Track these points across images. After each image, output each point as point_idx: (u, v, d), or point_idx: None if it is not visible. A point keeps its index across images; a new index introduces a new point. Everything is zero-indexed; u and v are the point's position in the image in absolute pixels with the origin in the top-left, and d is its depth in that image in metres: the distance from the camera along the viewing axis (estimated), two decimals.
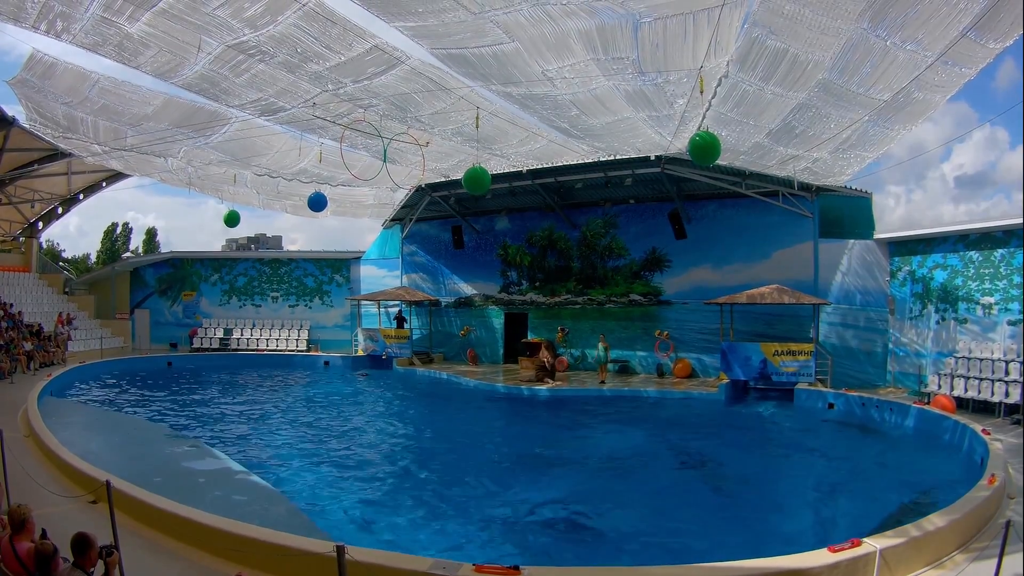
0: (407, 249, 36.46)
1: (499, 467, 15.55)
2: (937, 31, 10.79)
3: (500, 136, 18.04)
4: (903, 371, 23.79)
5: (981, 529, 9.21)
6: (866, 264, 24.94)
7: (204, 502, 10.39)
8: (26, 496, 9.04)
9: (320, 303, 38.99)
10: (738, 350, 24.38)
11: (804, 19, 10.55)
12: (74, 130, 17.97)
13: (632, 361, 29.45)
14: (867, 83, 12.90)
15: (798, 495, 13.39)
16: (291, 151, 20.02)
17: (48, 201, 37.99)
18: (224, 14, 10.93)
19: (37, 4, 11.05)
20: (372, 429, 19.78)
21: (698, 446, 17.57)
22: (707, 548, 9.44)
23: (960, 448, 15.29)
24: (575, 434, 18.98)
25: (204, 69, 13.18)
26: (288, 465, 15.06)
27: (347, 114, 15.87)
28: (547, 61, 12.13)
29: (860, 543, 7.72)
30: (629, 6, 10.00)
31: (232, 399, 24.25)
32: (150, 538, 8.88)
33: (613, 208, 30.38)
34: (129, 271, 41.26)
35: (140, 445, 16.72)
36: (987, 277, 21.11)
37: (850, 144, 16.81)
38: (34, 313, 32.50)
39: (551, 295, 32.05)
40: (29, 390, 19.53)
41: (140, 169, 24.01)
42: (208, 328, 38.75)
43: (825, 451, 17.37)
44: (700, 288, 27.74)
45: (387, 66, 12.96)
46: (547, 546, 10.40)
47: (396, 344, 32.94)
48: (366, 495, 12.99)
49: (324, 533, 10.30)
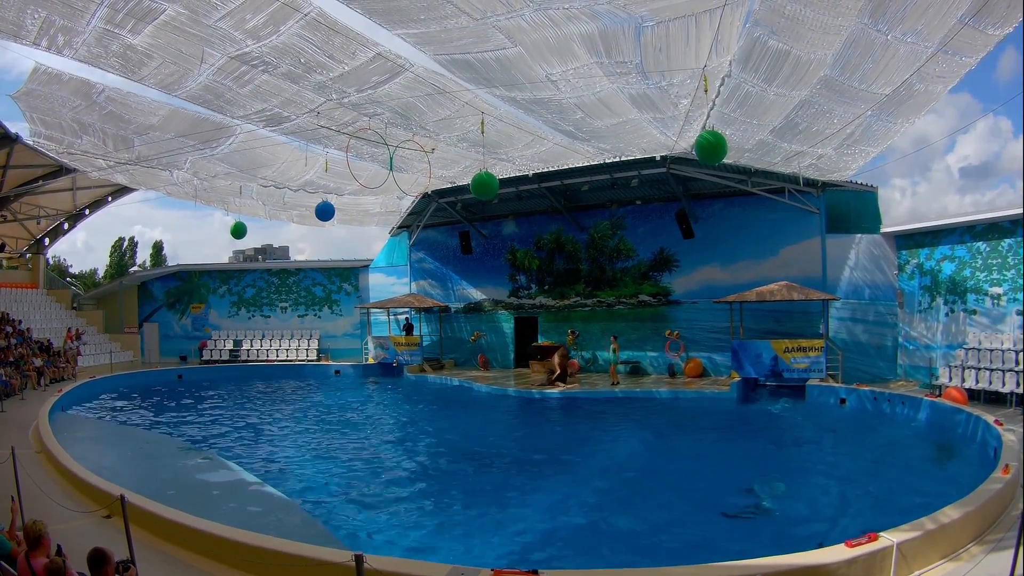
0: (415, 256, 36.46)
1: (514, 471, 15.48)
2: (936, 20, 10.77)
3: (505, 141, 18.07)
4: (913, 364, 23.70)
5: (996, 520, 9.16)
6: (874, 258, 24.86)
7: (219, 514, 10.37)
8: (40, 512, 9.05)
9: (329, 312, 39.04)
10: (749, 348, 24.32)
11: (805, 19, 10.55)
12: (82, 133, 17.97)
13: (643, 362, 29.40)
14: (869, 79, 12.91)
15: (816, 491, 13.31)
16: (296, 162, 20.07)
17: (54, 217, 38.19)
18: (226, 25, 10.96)
19: (37, 20, 11.08)
20: (384, 437, 19.78)
21: (712, 445, 17.54)
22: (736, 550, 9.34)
23: (973, 440, 15.22)
24: (589, 437, 18.91)
25: (208, 80, 13.23)
26: (302, 475, 15.05)
27: (352, 123, 15.91)
28: (550, 65, 12.16)
29: (877, 537, 7.67)
30: (631, 10, 10.00)
31: (243, 410, 24.25)
32: (166, 552, 8.88)
33: (620, 209, 30.34)
34: (137, 285, 41.38)
35: (153, 458, 16.73)
36: (995, 267, 21.03)
37: (854, 140, 16.81)
38: (43, 329, 32.61)
39: (560, 298, 32.01)
40: (40, 406, 19.53)
41: (145, 183, 24.09)
42: (217, 340, 38.82)
43: (838, 446, 17.30)
44: (709, 287, 27.68)
45: (391, 74, 12.99)
46: (566, 550, 10.36)
47: (407, 351, 32.88)
48: (382, 503, 12.95)
49: (341, 542, 10.29)
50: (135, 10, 10.66)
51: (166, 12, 10.69)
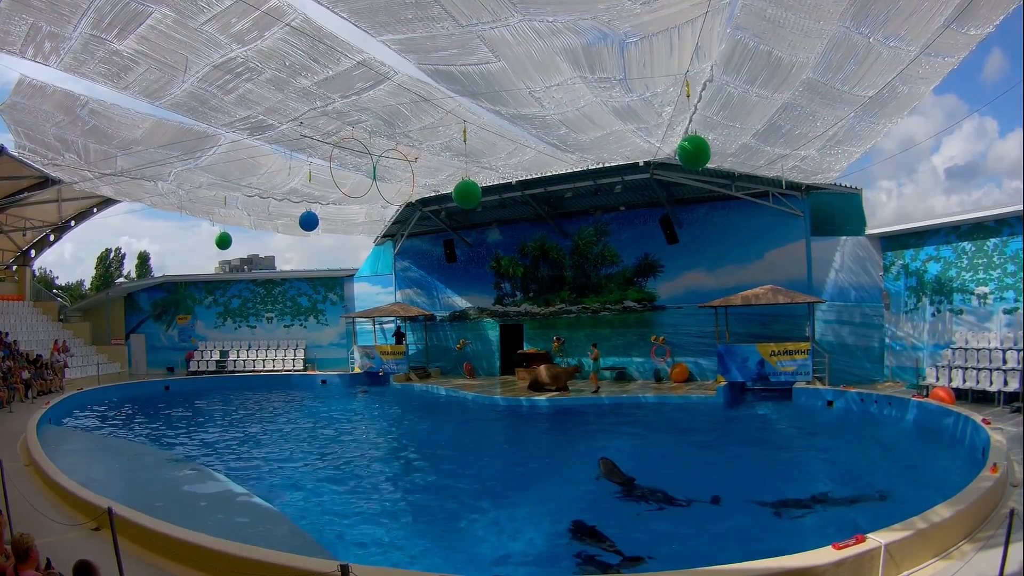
0: (400, 265, 36.47)
1: (501, 480, 15.46)
2: (920, 26, 10.84)
3: (489, 149, 18.08)
4: (900, 365, 23.84)
5: (986, 518, 9.21)
6: (859, 260, 24.98)
7: (207, 525, 10.31)
8: (28, 525, 8.99)
9: (315, 322, 38.97)
10: (735, 352, 24.38)
11: (786, 22, 10.59)
12: (65, 150, 17.91)
13: (629, 367, 29.46)
14: (851, 81, 12.97)
15: (802, 494, 13.33)
16: (280, 171, 20.03)
17: (40, 229, 37.97)
18: (212, 29, 10.94)
19: (24, 27, 11.03)
20: (372, 446, 19.78)
21: (699, 450, 17.57)
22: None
23: (961, 439, 15.29)
24: (578, 444, 18.84)
25: (192, 87, 13.18)
26: (289, 485, 14.97)
27: (336, 131, 15.89)
28: (533, 81, 12.18)
29: (864, 539, 7.70)
30: (615, 26, 10.03)
31: (231, 421, 24.15)
32: (155, 564, 8.82)
33: (604, 216, 30.41)
34: (123, 296, 41.15)
35: (140, 470, 16.63)
36: (981, 267, 21.20)
37: (837, 140, 16.88)
38: (30, 341, 32.38)
39: (545, 305, 32.05)
40: (28, 419, 19.39)
41: (130, 194, 23.98)
42: (204, 351, 38.71)
43: (825, 448, 17.37)
44: (694, 292, 27.77)
45: (375, 81, 12.97)
46: (552, 559, 10.35)
47: (393, 360, 32.82)
48: (369, 513, 12.92)
49: (328, 552, 10.26)
50: (121, 15, 10.63)
51: (152, 15, 10.66)
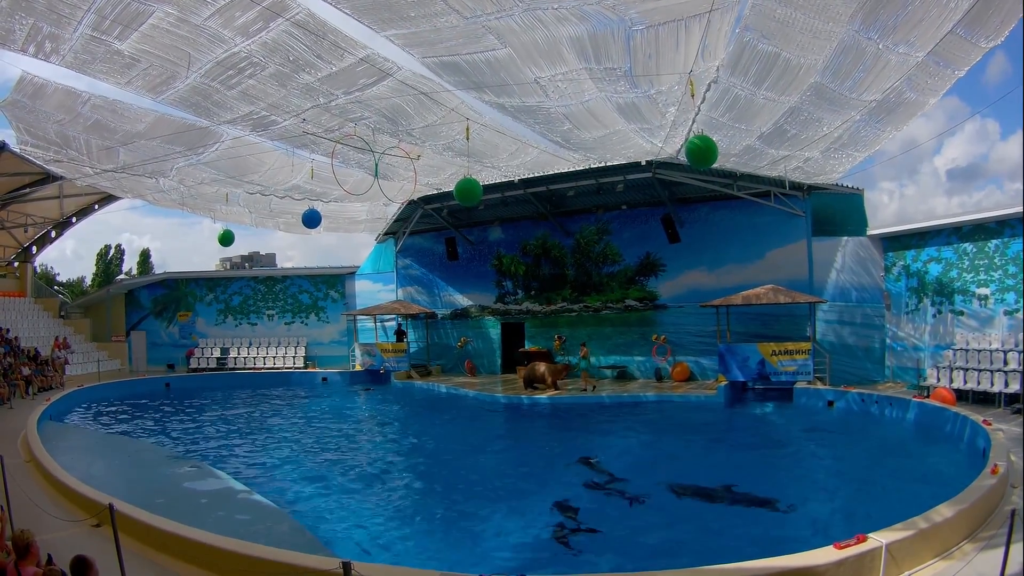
0: (401, 263, 36.44)
1: (502, 478, 15.45)
2: (928, 32, 10.82)
3: (491, 150, 18.07)
4: (901, 366, 23.80)
5: (987, 518, 9.23)
6: (860, 260, 24.96)
7: (208, 522, 10.34)
8: (29, 521, 9.00)
9: (316, 319, 38.91)
10: (736, 351, 24.36)
11: (796, 23, 10.56)
12: (66, 147, 17.89)
13: (630, 366, 29.43)
14: (860, 88, 12.94)
15: (805, 494, 13.33)
16: (283, 168, 20.02)
17: (41, 225, 37.99)
18: (215, 24, 10.93)
19: (25, 26, 11.03)
20: (373, 444, 19.76)
21: (699, 449, 17.57)
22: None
23: (962, 439, 15.31)
24: (581, 442, 18.80)
25: (196, 82, 13.16)
26: (290, 482, 14.99)
27: (338, 128, 15.88)
28: (540, 68, 12.15)
29: (865, 539, 7.70)
30: (620, 11, 10.00)
31: (231, 418, 24.15)
32: (155, 560, 8.82)
33: (606, 215, 30.36)
34: (124, 293, 41.08)
35: (141, 467, 16.67)
36: (982, 268, 21.15)
37: (841, 144, 16.89)
38: (30, 338, 32.38)
39: (547, 304, 32.01)
40: (28, 415, 19.42)
41: (132, 190, 23.96)
42: (205, 348, 38.68)
43: (826, 448, 17.36)
44: (695, 291, 27.73)
45: (378, 77, 12.96)
46: (554, 558, 10.34)
47: (394, 358, 32.86)
48: (370, 510, 12.93)
49: (329, 550, 10.26)
50: (122, 15, 10.63)
51: (155, 14, 10.66)
